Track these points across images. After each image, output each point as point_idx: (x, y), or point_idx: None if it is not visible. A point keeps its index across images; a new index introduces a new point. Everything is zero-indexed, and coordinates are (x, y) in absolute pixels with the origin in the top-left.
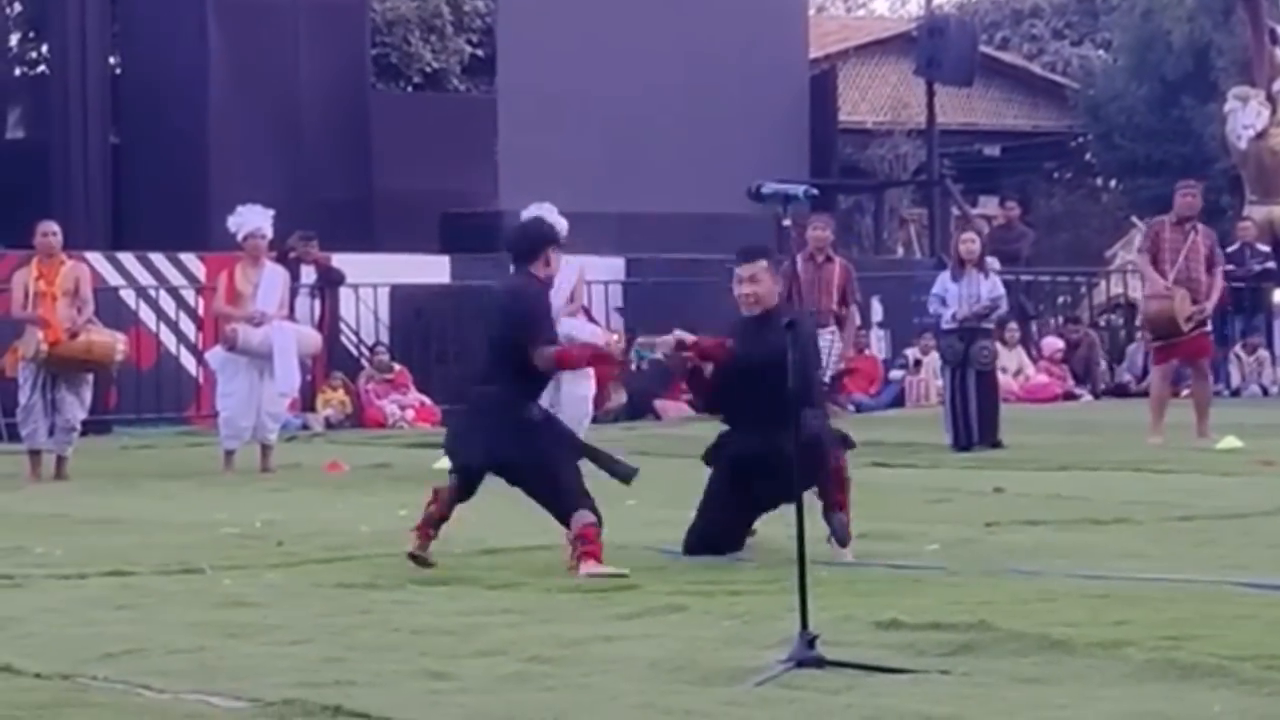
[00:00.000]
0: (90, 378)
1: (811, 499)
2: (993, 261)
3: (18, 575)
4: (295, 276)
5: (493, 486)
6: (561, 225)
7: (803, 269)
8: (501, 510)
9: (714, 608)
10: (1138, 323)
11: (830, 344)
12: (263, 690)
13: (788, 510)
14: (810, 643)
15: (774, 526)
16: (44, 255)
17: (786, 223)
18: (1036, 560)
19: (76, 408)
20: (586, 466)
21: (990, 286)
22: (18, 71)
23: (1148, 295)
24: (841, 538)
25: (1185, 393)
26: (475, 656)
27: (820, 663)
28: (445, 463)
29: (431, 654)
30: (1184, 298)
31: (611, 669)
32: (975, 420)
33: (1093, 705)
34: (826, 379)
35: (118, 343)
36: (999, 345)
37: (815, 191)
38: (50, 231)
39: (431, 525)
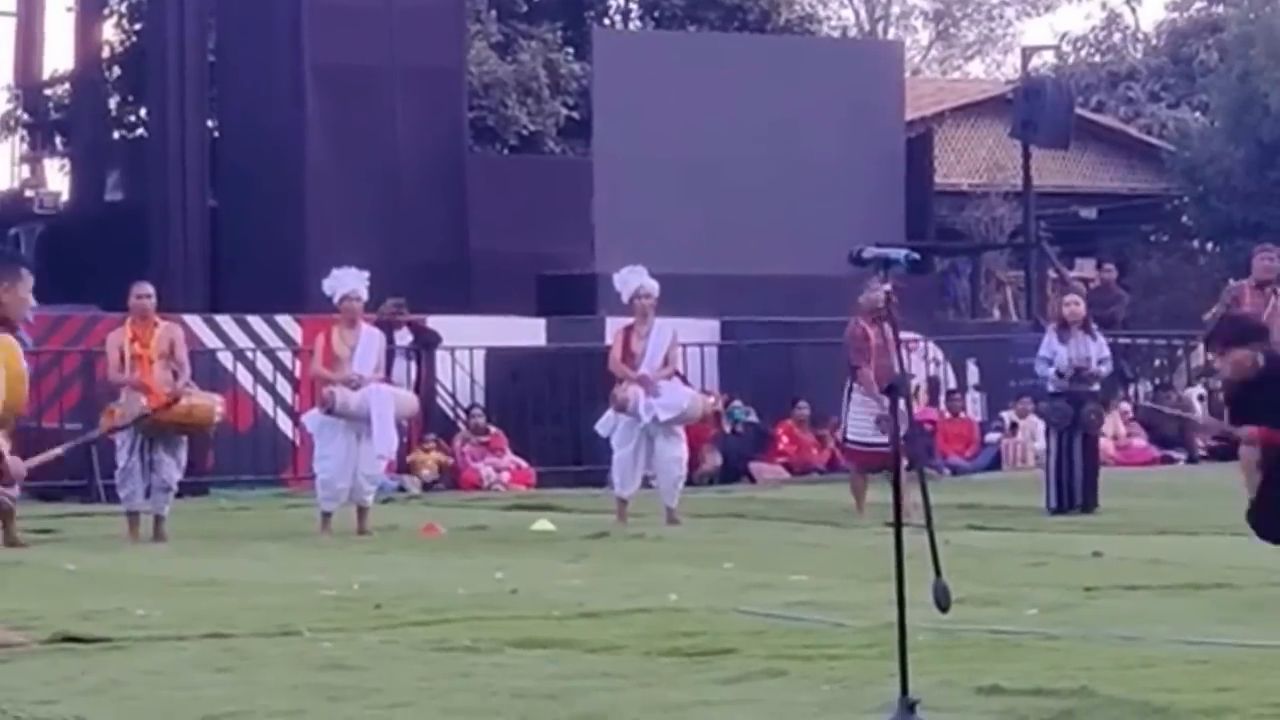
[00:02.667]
0: (185, 439)
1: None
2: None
3: (119, 637)
4: (391, 339)
5: (595, 549)
6: (653, 287)
7: (874, 333)
8: (600, 573)
9: (813, 672)
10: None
11: None
12: None
13: (888, 572)
14: (911, 708)
15: (875, 590)
16: (138, 317)
17: (887, 288)
18: (1136, 626)
19: (173, 469)
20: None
21: (1099, 348)
22: (117, 134)
23: None
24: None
25: None
26: None
27: None
28: (543, 525)
29: (532, 718)
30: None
31: None
32: (1080, 483)
33: None
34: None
35: (216, 405)
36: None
37: (917, 256)
38: (145, 294)
39: None
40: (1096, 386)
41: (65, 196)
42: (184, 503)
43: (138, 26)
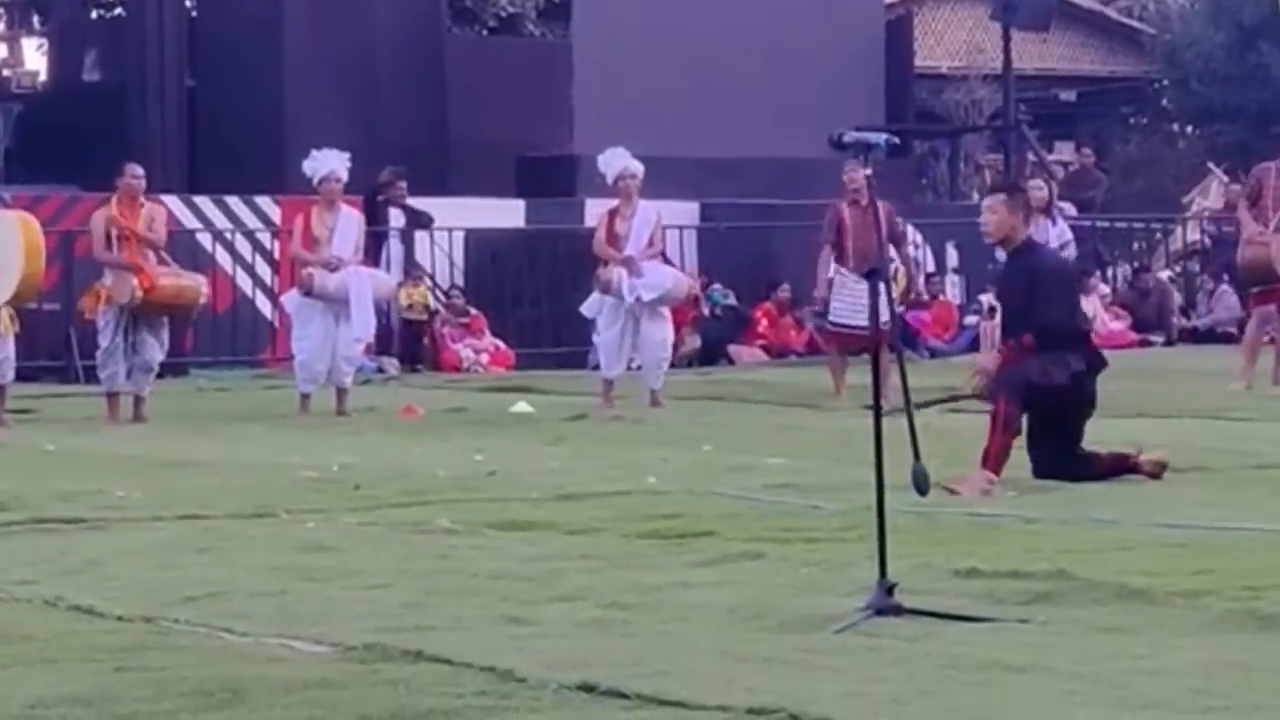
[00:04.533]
0: (167, 320)
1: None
2: (1068, 207)
3: (98, 518)
4: (384, 220)
5: (574, 432)
6: (637, 169)
7: (848, 214)
8: (579, 456)
9: (791, 554)
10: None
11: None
12: (344, 635)
13: (866, 455)
14: (889, 590)
15: (853, 472)
16: (127, 198)
17: (868, 171)
18: (1114, 509)
19: (156, 349)
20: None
21: (1059, 233)
22: (94, 14)
23: (1245, 241)
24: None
25: (1268, 340)
26: (554, 602)
27: (899, 610)
28: (522, 407)
29: (510, 599)
30: None
31: (689, 616)
32: None
33: (1172, 654)
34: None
35: (202, 286)
36: None
37: (896, 140)
38: (138, 175)
39: None
40: None
41: (43, 76)
42: (163, 384)
43: None
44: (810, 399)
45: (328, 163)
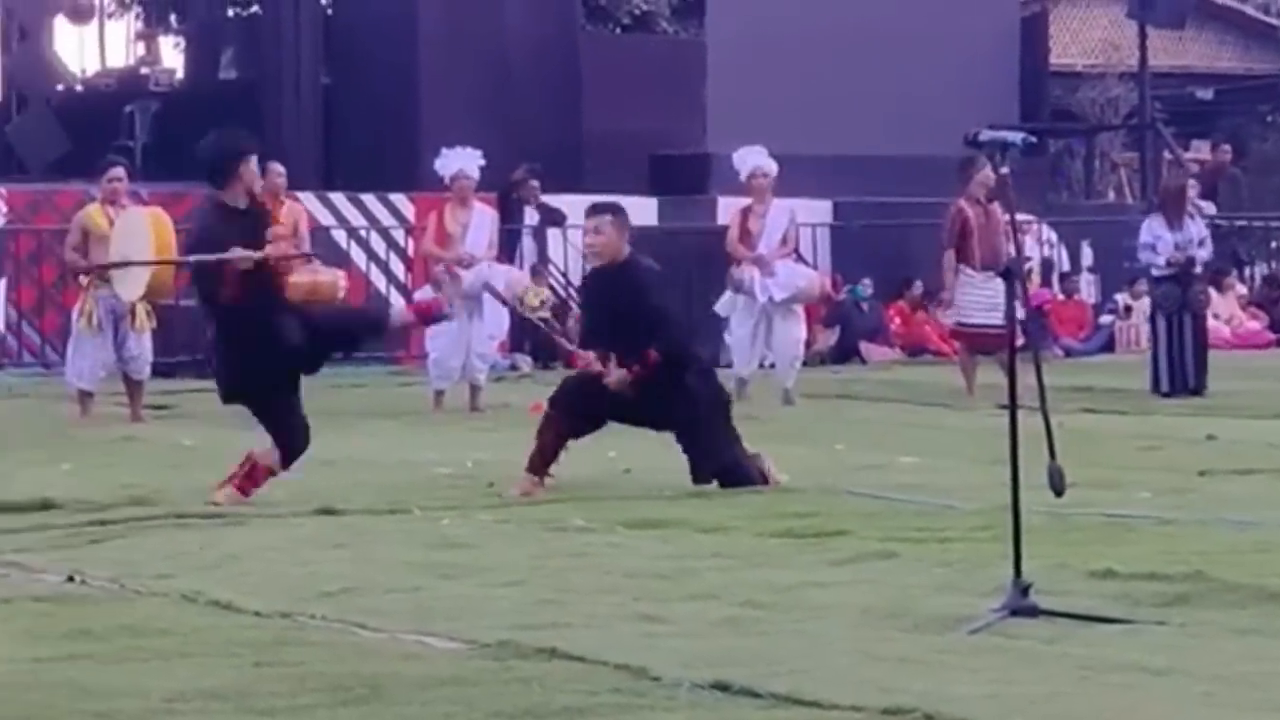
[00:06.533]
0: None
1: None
2: (1207, 206)
3: (236, 513)
4: (518, 218)
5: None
6: (771, 167)
7: (972, 214)
8: None
9: (926, 554)
10: None
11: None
12: (478, 632)
13: (1000, 455)
14: (1024, 591)
15: (987, 472)
16: (269, 196)
17: (1004, 170)
18: (1251, 510)
19: None
20: None
21: (1198, 229)
22: (231, 13)
23: None
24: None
25: None
26: (688, 600)
27: (1034, 611)
28: None
29: (645, 597)
30: None
31: (824, 615)
32: (1190, 366)
33: None
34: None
35: (339, 280)
36: (1212, 291)
37: (1033, 139)
38: (280, 173)
39: None
40: (1199, 269)
41: (180, 74)
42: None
43: None
44: (944, 398)
45: (459, 161)
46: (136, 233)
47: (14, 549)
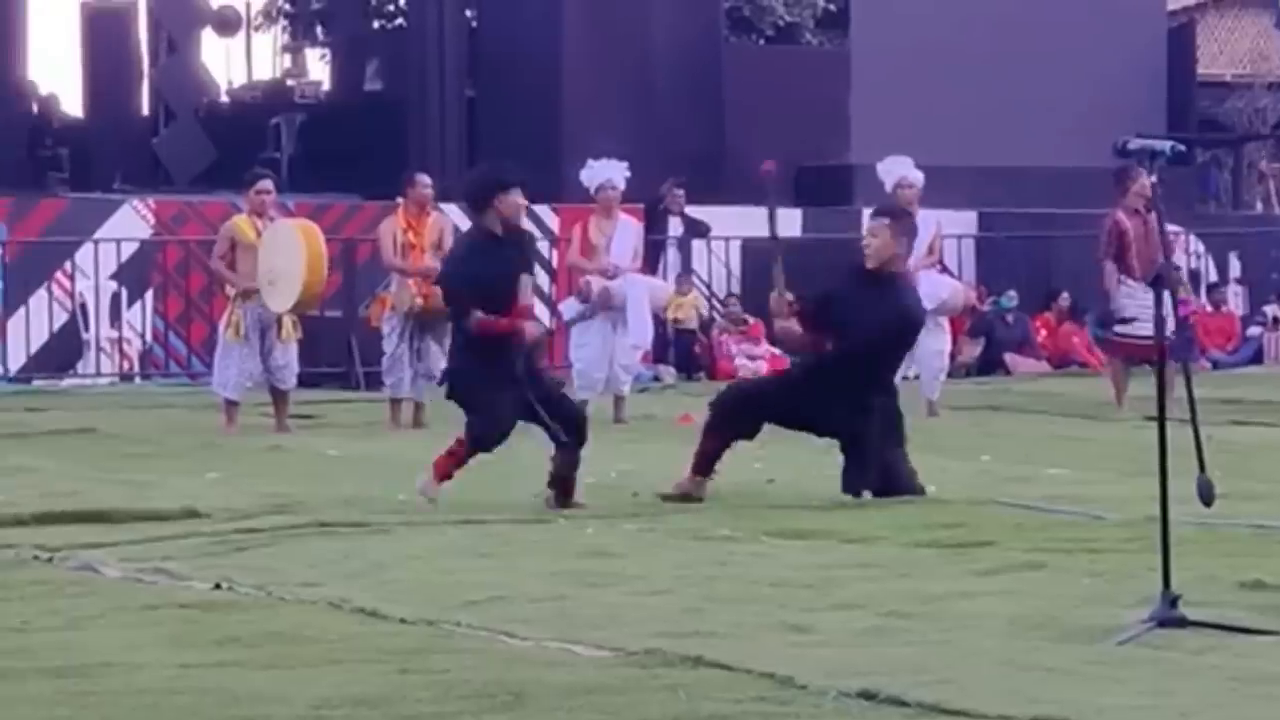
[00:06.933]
0: (451, 327)
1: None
2: None
3: (380, 522)
4: (663, 229)
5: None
6: (917, 177)
7: (1130, 225)
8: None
9: (1073, 565)
10: None
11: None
12: (624, 640)
13: (1148, 466)
14: (1173, 602)
15: (1135, 484)
16: (415, 206)
17: (1153, 179)
18: None
19: (440, 357)
20: None
21: None
22: (376, 24)
23: None
24: None
25: None
26: (833, 610)
27: (1183, 623)
28: None
29: (790, 606)
30: None
31: (971, 625)
32: None
33: None
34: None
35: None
36: None
37: (1182, 148)
38: (427, 184)
39: None
40: None
41: (325, 86)
42: (440, 390)
43: None
44: (1091, 410)
45: (605, 171)
46: (287, 244)
47: (161, 556)
